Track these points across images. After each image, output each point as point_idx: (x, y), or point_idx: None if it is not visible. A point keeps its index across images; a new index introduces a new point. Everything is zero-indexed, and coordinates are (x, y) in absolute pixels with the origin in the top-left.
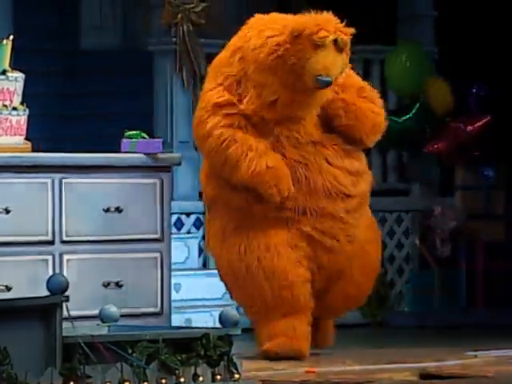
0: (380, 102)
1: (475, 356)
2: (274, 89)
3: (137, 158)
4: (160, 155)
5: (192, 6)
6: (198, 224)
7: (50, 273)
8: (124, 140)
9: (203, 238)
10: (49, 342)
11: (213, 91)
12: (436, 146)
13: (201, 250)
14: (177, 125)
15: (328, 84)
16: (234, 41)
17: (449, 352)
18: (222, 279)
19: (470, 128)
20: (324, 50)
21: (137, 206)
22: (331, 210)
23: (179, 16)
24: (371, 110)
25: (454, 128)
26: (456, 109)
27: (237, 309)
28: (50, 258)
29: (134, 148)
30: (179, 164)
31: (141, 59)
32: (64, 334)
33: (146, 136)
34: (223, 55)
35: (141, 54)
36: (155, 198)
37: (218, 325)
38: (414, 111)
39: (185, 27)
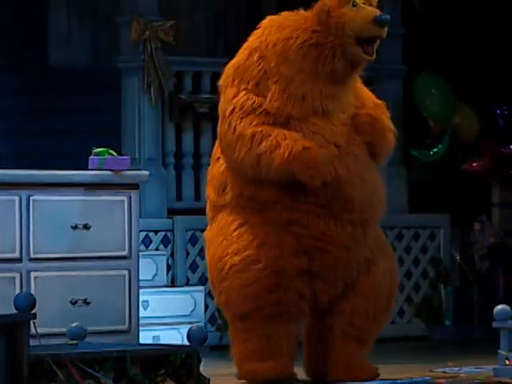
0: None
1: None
2: (302, 81)
3: (105, 175)
4: (128, 172)
5: (160, 23)
6: (165, 241)
7: (18, 290)
8: (92, 157)
9: (171, 255)
10: (15, 360)
11: (237, 97)
12: (473, 165)
13: (169, 267)
14: (144, 142)
15: (388, 20)
16: (250, 43)
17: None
18: (210, 279)
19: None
20: (359, 8)
21: (105, 224)
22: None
23: (147, 33)
24: (391, 129)
25: (490, 147)
26: (483, 131)
27: (205, 326)
28: (17, 275)
29: (101, 165)
30: (147, 181)
31: (109, 76)
32: (31, 352)
33: (113, 153)
34: (240, 59)
35: (109, 70)
36: (123, 215)
37: (186, 342)
38: (444, 143)
39: (153, 44)
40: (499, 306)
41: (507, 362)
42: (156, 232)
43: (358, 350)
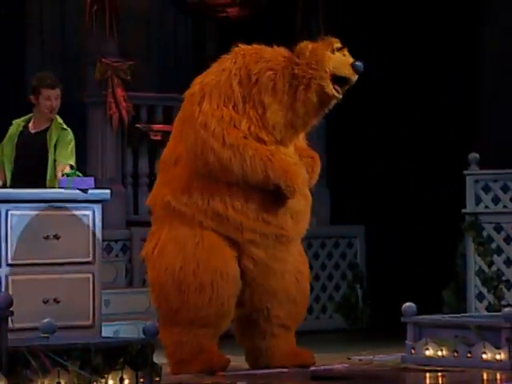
0: None
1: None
2: (277, 111)
3: (72, 193)
4: (92, 191)
5: (120, 64)
6: (124, 249)
7: None
8: (62, 178)
9: (129, 260)
10: None
11: (219, 111)
12: None
13: (127, 271)
14: (106, 164)
15: (362, 69)
16: (228, 66)
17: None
18: (158, 281)
19: None
20: (338, 54)
21: (72, 234)
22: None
23: (109, 73)
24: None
25: None
26: None
27: (157, 321)
28: None
29: (70, 184)
30: (109, 198)
31: (76, 108)
32: (9, 344)
33: (80, 174)
34: (218, 78)
35: (76, 104)
36: (88, 227)
37: (141, 335)
38: None
39: (114, 82)
40: (406, 304)
41: (412, 351)
42: (116, 241)
43: (292, 339)
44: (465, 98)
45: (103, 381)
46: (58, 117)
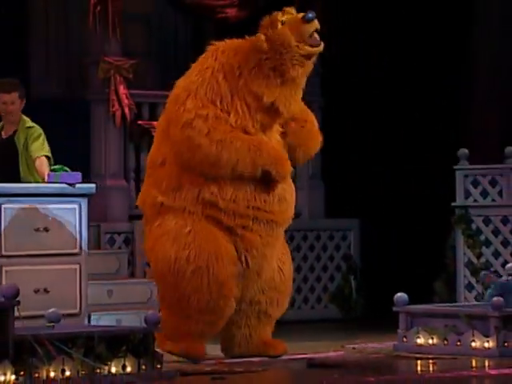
0: None
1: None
2: (272, 91)
3: (60, 187)
4: (79, 185)
5: (122, 63)
6: (127, 241)
7: None
8: (50, 173)
9: (131, 253)
10: (2, 338)
11: (204, 109)
12: None
13: (129, 263)
14: (109, 160)
15: (314, 16)
16: (210, 64)
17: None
18: (158, 274)
19: None
20: (288, 23)
21: (60, 226)
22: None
23: (112, 71)
24: (318, 132)
25: None
26: None
27: (159, 311)
28: None
29: (58, 179)
30: (95, 192)
31: (80, 106)
32: (16, 332)
33: (67, 169)
34: (202, 77)
35: (80, 102)
36: (75, 219)
37: (143, 324)
38: None
39: (117, 80)
40: (398, 294)
41: (404, 340)
42: (119, 234)
43: (269, 328)
44: (464, 97)
45: (106, 368)
46: (24, 118)
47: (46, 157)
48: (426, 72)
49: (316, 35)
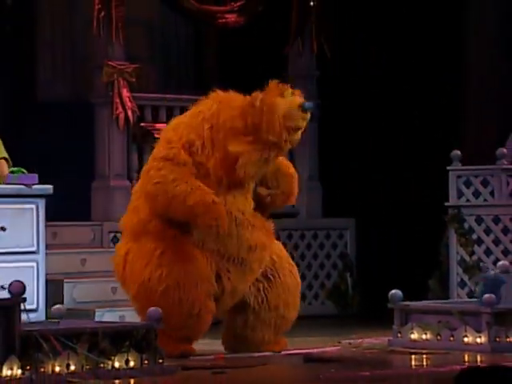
0: None
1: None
2: (238, 156)
3: (18, 188)
4: (36, 186)
5: (125, 67)
6: None
7: None
8: (8, 174)
9: None
10: (10, 334)
11: (174, 149)
12: None
13: None
14: (113, 161)
15: (312, 107)
16: (203, 110)
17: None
18: (134, 296)
19: None
20: (286, 98)
21: (18, 226)
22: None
23: (115, 75)
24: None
25: None
26: None
27: None
28: None
29: (15, 180)
30: (51, 193)
31: (84, 109)
32: (22, 328)
33: (25, 171)
34: (192, 121)
35: (85, 104)
36: (32, 219)
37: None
38: None
39: (120, 83)
40: (393, 291)
41: (399, 335)
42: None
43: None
44: (461, 96)
45: (110, 363)
46: None
47: (5, 159)
48: (425, 70)
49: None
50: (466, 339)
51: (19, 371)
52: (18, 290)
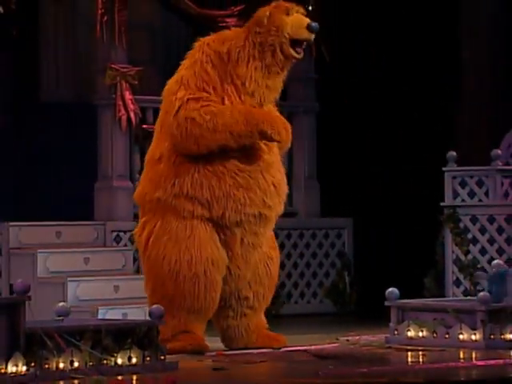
0: None
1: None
2: (253, 78)
3: None
4: None
5: (127, 70)
6: (132, 239)
7: None
8: None
9: (136, 250)
10: (15, 332)
11: (193, 95)
12: None
13: (135, 259)
14: (116, 162)
15: (317, 28)
16: (198, 57)
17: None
18: (154, 271)
19: None
20: (294, 16)
21: None
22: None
23: (118, 78)
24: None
25: None
26: None
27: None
28: None
29: None
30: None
31: (87, 110)
32: (27, 326)
33: None
34: (191, 70)
35: (88, 106)
36: None
37: (148, 318)
38: None
39: (123, 86)
40: (390, 289)
41: (396, 332)
42: (125, 232)
43: (260, 320)
44: (458, 96)
45: (113, 359)
46: None
47: None
48: (425, 71)
49: (302, 46)
50: (461, 336)
51: (24, 368)
52: (22, 289)
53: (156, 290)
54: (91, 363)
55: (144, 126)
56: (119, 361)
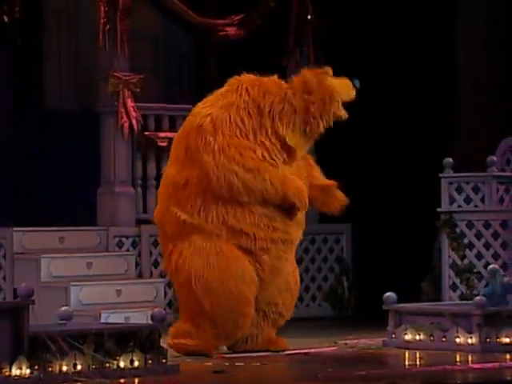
0: None
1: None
2: (292, 137)
3: None
4: None
5: (130, 78)
6: (134, 244)
7: None
8: None
9: (139, 255)
10: (19, 335)
11: (235, 140)
12: None
13: (137, 264)
14: (118, 168)
15: (359, 86)
16: (235, 100)
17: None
18: (186, 290)
19: None
20: (335, 79)
21: None
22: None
23: (120, 85)
24: None
25: None
26: None
27: (164, 309)
28: None
29: None
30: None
31: (90, 117)
32: (31, 329)
33: None
34: (226, 113)
35: (91, 113)
36: None
37: (149, 321)
38: None
39: (125, 93)
40: (387, 293)
41: (393, 336)
42: (127, 237)
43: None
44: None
45: (115, 362)
46: None
47: None
48: (424, 72)
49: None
50: (457, 340)
51: (28, 371)
52: (25, 293)
53: (187, 308)
54: (94, 366)
55: (146, 133)
56: (121, 364)
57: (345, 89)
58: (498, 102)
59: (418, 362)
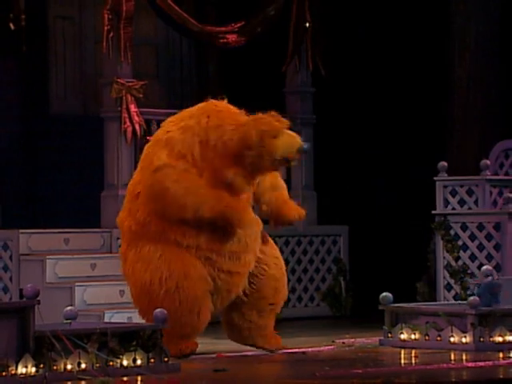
0: None
1: (343, 343)
2: (236, 173)
3: None
4: None
5: (132, 84)
6: None
7: None
8: None
9: None
10: (25, 334)
11: (173, 161)
12: None
13: None
14: (121, 171)
15: (307, 150)
16: (194, 124)
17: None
18: (136, 298)
19: None
20: (283, 137)
21: None
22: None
23: (123, 91)
24: None
25: None
26: None
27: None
28: None
29: None
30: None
31: (94, 122)
32: (36, 329)
33: None
34: (182, 136)
35: (95, 118)
36: None
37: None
38: None
39: (128, 99)
40: (384, 294)
41: (389, 335)
42: None
43: (273, 319)
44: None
45: (119, 361)
46: None
47: None
48: (420, 76)
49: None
50: (452, 339)
51: (33, 369)
52: (31, 293)
53: (143, 316)
54: (98, 365)
55: (148, 138)
56: (125, 362)
57: (287, 149)
58: (487, 119)
59: (413, 361)
